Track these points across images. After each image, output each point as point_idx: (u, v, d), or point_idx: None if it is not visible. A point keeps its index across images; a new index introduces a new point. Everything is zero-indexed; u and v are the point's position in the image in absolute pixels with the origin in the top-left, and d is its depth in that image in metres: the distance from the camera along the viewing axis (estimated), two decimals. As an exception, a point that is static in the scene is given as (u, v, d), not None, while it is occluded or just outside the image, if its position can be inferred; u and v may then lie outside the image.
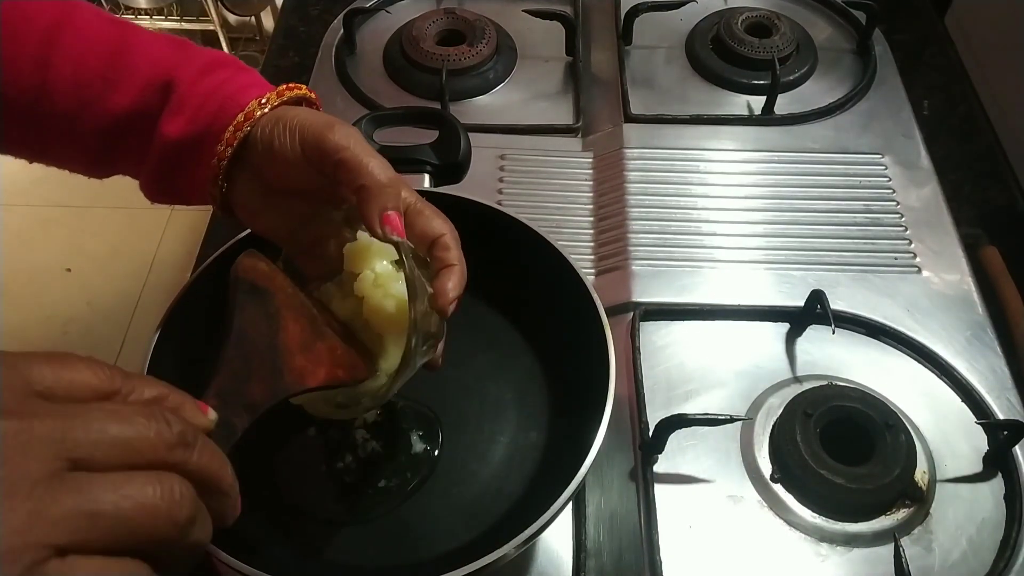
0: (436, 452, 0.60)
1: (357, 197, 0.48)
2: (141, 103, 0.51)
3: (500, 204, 0.70)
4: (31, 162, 0.56)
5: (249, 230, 0.61)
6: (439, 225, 0.50)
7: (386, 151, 0.66)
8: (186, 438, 0.32)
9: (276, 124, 0.50)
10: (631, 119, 0.90)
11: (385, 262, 0.51)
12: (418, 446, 0.60)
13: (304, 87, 0.54)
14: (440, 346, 0.53)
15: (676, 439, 0.64)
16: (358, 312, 0.51)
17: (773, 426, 0.66)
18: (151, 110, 0.51)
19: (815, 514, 0.62)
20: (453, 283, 0.49)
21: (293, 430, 0.61)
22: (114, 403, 0.32)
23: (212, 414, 0.38)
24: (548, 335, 0.64)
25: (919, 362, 0.72)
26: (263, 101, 0.51)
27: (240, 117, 0.51)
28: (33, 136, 0.53)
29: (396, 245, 0.47)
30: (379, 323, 0.51)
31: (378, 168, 0.48)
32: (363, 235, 0.51)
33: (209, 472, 0.33)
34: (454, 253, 0.50)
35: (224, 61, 0.53)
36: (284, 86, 0.53)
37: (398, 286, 0.50)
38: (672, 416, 0.63)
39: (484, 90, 0.94)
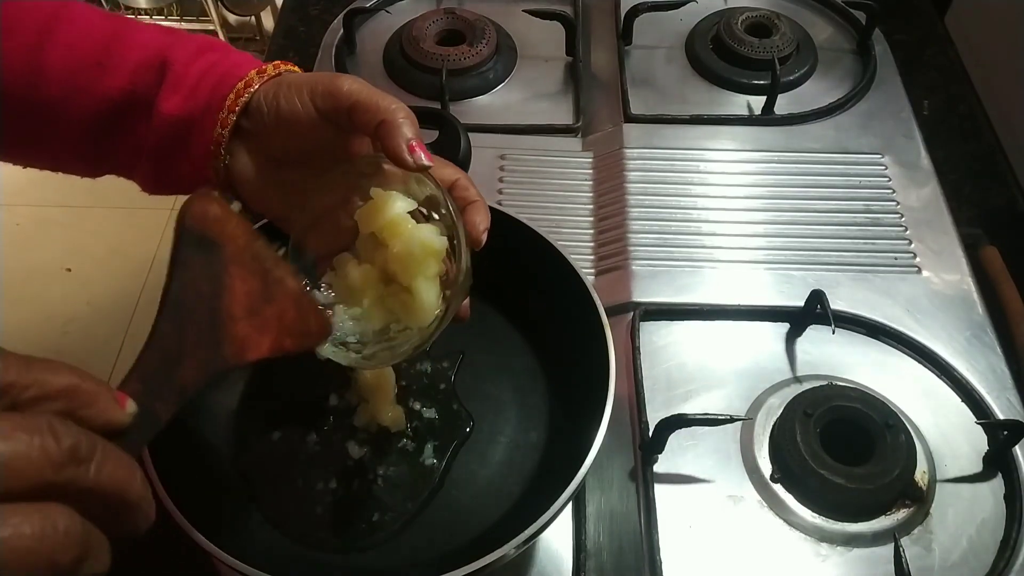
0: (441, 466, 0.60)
1: (378, 133, 0.48)
2: (135, 84, 0.51)
3: (500, 204, 0.70)
4: (26, 165, 0.55)
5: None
6: (452, 171, 0.52)
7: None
8: (79, 452, 0.29)
9: (279, 87, 0.50)
10: (631, 119, 0.90)
11: (403, 211, 0.50)
12: (428, 460, 0.60)
13: (297, 68, 0.54)
14: (467, 299, 0.53)
15: (676, 439, 0.64)
16: (378, 274, 0.51)
17: (773, 426, 0.66)
18: (146, 91, 0.51)
19: (815, 514, 0.62)
20: (481, 216, 0.51)
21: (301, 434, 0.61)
22: None
23: (131, 406, 0.34)
24: (548, 335, 0.64)
25: (919, 362, 0.72)
26: (261, 71, 0.51)
27: (240, 85, 0.50)
28: (27, 127, 0.52)
29: (424, 171, 0.48)
30: (408, 268, 0.50)
31: (394, 104, 0.48)
32: (376, 191, 0.50)
33: (111, 487, 0.30)
34: (473, 191, 0.51)
35: (216, 43, 0.53)
36: (279, 61, 0.53)
37: (422, 229, 0.50)
38: (672, 416, 0.63)
39: (484, 90, 0.94)
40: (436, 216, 0.51)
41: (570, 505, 0.57)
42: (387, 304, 0.52)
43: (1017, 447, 0.65)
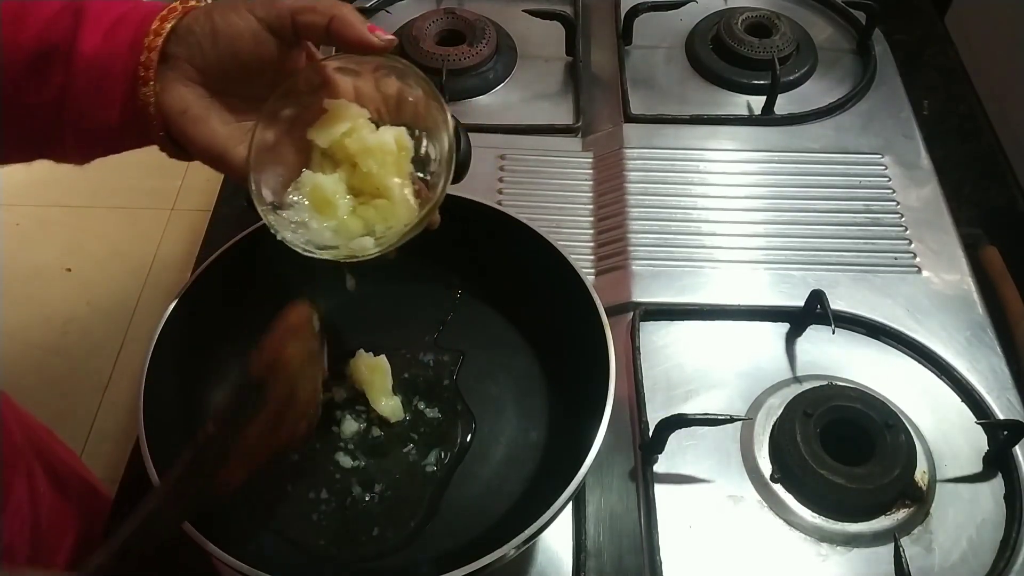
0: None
1: (332, 28, 0.47)
2: (52, 31, 0.48)
3: (500, 204, 0.70)
4: None
5: (249, 230, 0.61)
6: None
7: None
8: None
9: (212, 8, 0.48)
10: (631, 119, 0.90)
11: (363, 116, 0.50)
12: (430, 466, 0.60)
13: None
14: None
15: (676, 439, 0.64)
16: (346, 185, 0.51)
17: (773, 426, 0.66)
18: (62, 36, 0.48)
19: (815, 514, 0.62)
20: (356, 23, 0.48)
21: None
22: None
23: None
24: (548, 335, 0.64)
25: (919, 362, 0.72)
26: (184, 1, 0.49)
27: (164, 11, 0.48)
28: None
29: (391, 46, 0.48)
30: (383, 166, 0.50)
31: (337, 1, 0.47)
32: (331, 102, 0.50)
33: None
34: (355, 21, 0.49)
35: None
36: None
37: (387, 129, 0.50)
38: (672, 416, 0.63)
39: (484, 90, 0.94)
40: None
41: (570, 505, 0.57)
42: (362, 213, 0.51)
43: (1017, 447, 0.65)
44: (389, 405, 0.61)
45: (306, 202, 0.50)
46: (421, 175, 0.51)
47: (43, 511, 0.64)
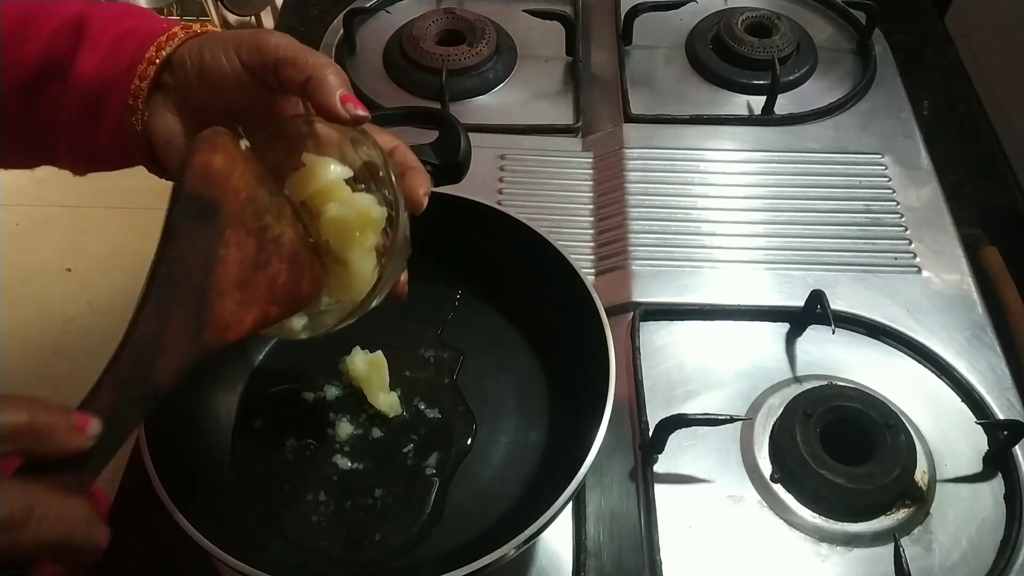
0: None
1: (308, 90, 0.46)
2: (52, 48, 0.48)
3: (500, 204, 0.70)
4: None
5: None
6: (390, 139, 0.49)
7: (386, 151, 0.66)
8: (13, 520, 0.30)
9: (205, 42, 0.48)
10: (631, 119, 0.90)
11: (339, 177, 0.48)
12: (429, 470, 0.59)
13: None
14: (404, 274, 0.51)
15: (676, 439, 0.64)
16: (309, 241, 0.49)
17: (773, 426, 0.66)
18: (62, 54, 0.48)
19: (815, 514, 0.62)
20: (421, 179, 0.49)
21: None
22: None
23: (93, 427, 0.34)
24: (548, 335, 0.64)
25: (919, 362, 0.72)
26: (186, 27, 0.49)
27: (163, 38, 0.48)
28: None
29: (360, 123, 0.46)
30: (342, 238, 0.48)
31: (322, 59, 0.46)
32: (309, 156, 0.48)
33: (51, 542, 0.31)
34: (412, 157, 0.50)
35: (138, 9, 0.51)
36: (207, 22, 0.52)
37: (360, 197, 0.48)
38: (672, 416, 0.63)
39: (484, 90, 0.94)
40: (374, 187, 0.49)
41: (570, 505, 0.57)
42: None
43: (1017, 447, 0.64)
44: (387, 401, 0.61)
45: None
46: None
47: None
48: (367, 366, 0.61)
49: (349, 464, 0.59)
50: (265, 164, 0.48)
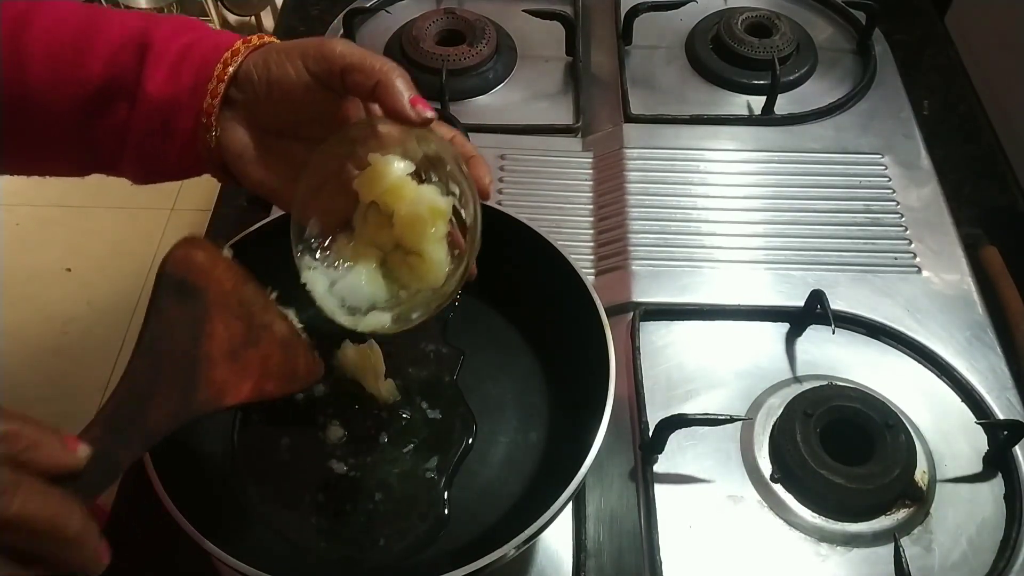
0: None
1: (377, 94, 0.47)
2: (116, 66, 0.49)
3: (500, 204, 0.70)
4: (13, 172, 0.54)
5: (249, 230, 0.61)
6: (447, 130, 0.51)
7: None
8: (1, 484, 0.30)
9: (268, 53, 0.49)
10: (631, 119, 0.90)
11: (404, 173, 0.50)
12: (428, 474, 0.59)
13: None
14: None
15: (676, 439, 0.64)
16: (385, 238, 0.51)
17: (773, 426, 0.66)
18: (127, 73, 0.50)
19: (815, 514, 0.62)
20: (484, 169, 0.50)
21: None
22: None
23: (83, 451, 0.35)
24: (548, 335, 0.64)
25: (919, 362, 0.72)
26: (246, 40, 0.51)
27: (227, 55, 0.49)
28: (11, 125, 0.51)
29: (428, 124, 0.47)
30: (416, 232, 0.50)
31: (388, 63, 0.48)
32: (374, 156, 0.50)
33: (36, 521, 0.31)
34: (471, 147, 0.51)
35: (195, 23, 0.52)
36: (262, 34, 0.52)
37: (427, 189, 0.50)
38: (672, 416, 0.63)
39: (484, 90, 0.94)
40: (435, 178, 0.51)
41: (570, 505, 0.57)
42: (395, 271, 0.52)
43: (1017, 447, 0.65)
44: (386, 387, 0.61)
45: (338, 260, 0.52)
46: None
47: None
48: (359, 356, 0.61)
49: (349, 466, 0.59)
50: (331, 166, 0.51)
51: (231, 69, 0.49)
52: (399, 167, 0.50)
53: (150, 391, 0.40)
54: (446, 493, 0.58)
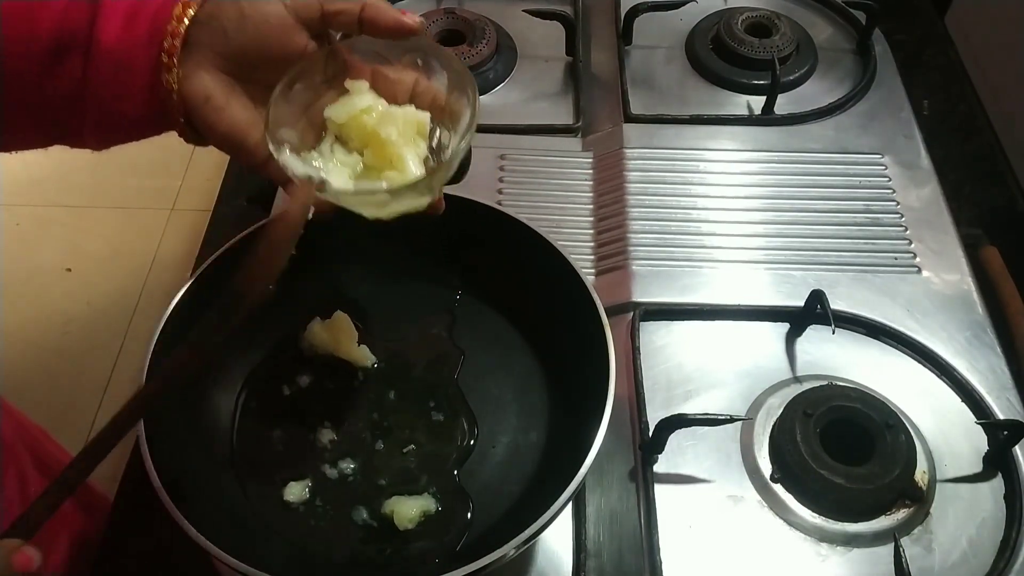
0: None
1: (366, 16, 0.48)
2: (69, 20, 0.47)
3: (500, 204, 0.70)
4: None
5: (249, 230, 0.61)
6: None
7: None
8: None
9: None
10: (631, 119, 0.90)
11: (377, 97, 0.51)
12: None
13: None
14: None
15: (676, 439, 0.64)
16: (358, 161, 0.52)
17: (773, 426, 0.66)
18: (80, 24, 0.47)
19: (815, 514, 0.62)
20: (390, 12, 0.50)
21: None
22: None
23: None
24: (548, 335, 0.64)
25: (919, 362, 0.72)
26: None
27: None
28: None
29: (421, 29, 0.49)
30: (403, 137, 0.50)
31: None
32: (351, 83, 0.51)
33: None
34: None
35: None
36: None
37: (402, 108, 0.51)
38: (672, 416, 0.63)
39: (484, 90, 0.94)
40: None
41: (570, 505, 0.57)
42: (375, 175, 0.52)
43: (1017, 447, 0.65)
44: (360, 353, 0.63)
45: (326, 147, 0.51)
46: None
47: None
48: (329, 328, 0.63)
49: (349, 466, 0.59)
50: (296, 96, 0.50)
51: (191, 11, 0.48)
52: (371, 96, 0.50)
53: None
54: (446, 493, 0.58)
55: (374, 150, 0.51)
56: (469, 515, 0.57)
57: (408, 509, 0.56)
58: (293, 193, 0.48)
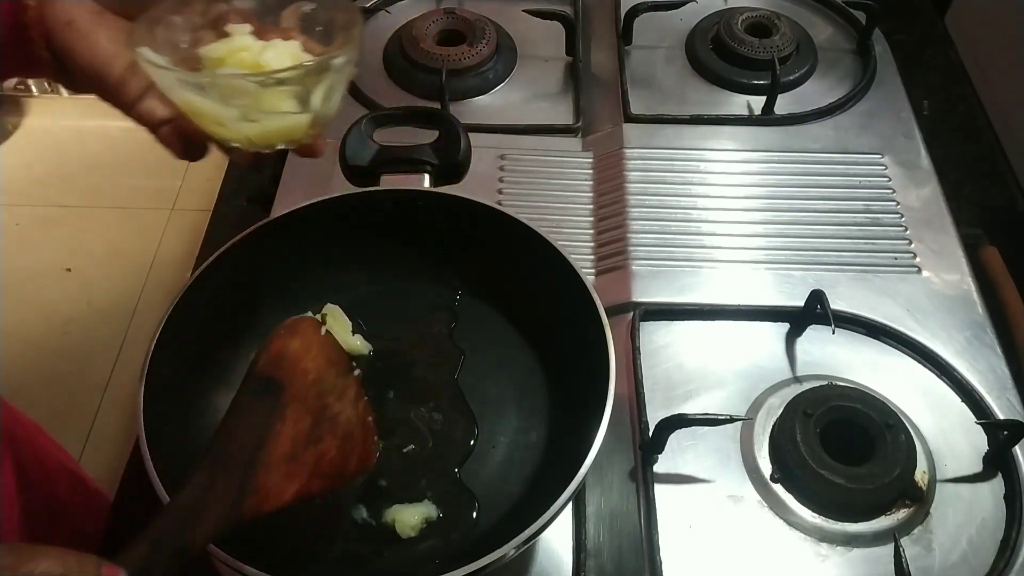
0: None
1: None
2: None
3: (500, 204, 0.70)
4: None
5: (249, 230, 0.61)
6: None
7: (386, 151, 0.67)
8: None
9: None
10: (631, 119, 0.90)
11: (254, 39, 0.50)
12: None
13: None
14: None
15: (676, 439, 0.64)
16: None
17: (773, 426, 0.66)
18: None
19: (815, 514, 0.62)
20: None
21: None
22: None
23: None
24: (548, 335, 0.64)
25: (919, 362, 0.72)
26: None
27: None
28: None
29: None
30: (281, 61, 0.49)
31: None
32: (232, 27, 0.50)
33: None
34: None
35: None
36: None
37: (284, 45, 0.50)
38: (672, 416, 0.63)
39: (484, 90, 0.94)
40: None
41: (570, 505, 0.57)
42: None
43: (1017, 447, 0.64)
44: (355, 343, 0.63)
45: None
46: None
47: (34, 505, 0.65)
48: (328, 322, 0.62)
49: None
50: (168, 31, 0.48)
51: None
52: (252, 36, 0.49)
53: (200, 505, 0.42)
54: (448, 494, 0.58)
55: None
56: (475, 515, 0.57)
57: (410, 517, 0.56)
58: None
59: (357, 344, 0.63)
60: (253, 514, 0.44)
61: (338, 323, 0.63)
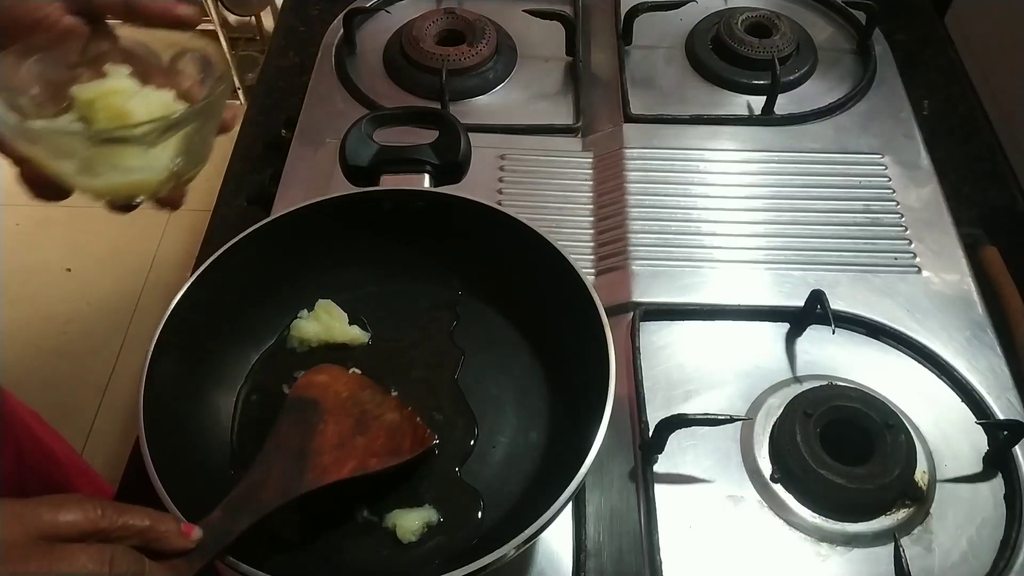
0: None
1: (138, 4, 0.47)
2: None
3: (500, 204, 0.70)
4: None
5: (249, 230, 0.61)
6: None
7: (386, 151, 0.67)
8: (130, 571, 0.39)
9: None
10: (631, 119, 0.90)
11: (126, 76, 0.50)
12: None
13: None
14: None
15: (676, 439, 0.64)
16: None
17: (773, 426, 0.66)
18: None
19: (815, 514, 0.62)
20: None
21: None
22: (88, 545, 0.39)
23: (196, 534, 0.45)
24: (548, 335, 0.64)
25: (919, 362, 0.72)
26: None
27: None
28: None
29: (194, 21, 0.49)
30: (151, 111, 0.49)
31: None
32: (111, 67, 0.50)
33: None
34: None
35: None
36: None
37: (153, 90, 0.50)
38: (672, 416, 0.63)
39: (484, 90, 0.94)
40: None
41: (570, 505, 0.57)
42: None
43: (1017, 447, 0.65)
44: (352, 333, 0.64)
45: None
46: None
47: (34, 489, 0.65)
48: (316, 320, 0.64)
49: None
50: (37, 67, 0.49)
51: None
52: (124, 71, 0.49)
53: (264, 481, 0.50)
54: (447, 493, 0.58)
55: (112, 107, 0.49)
56: (479, 514, 0.57)
57: (410, 522, 0.56)
58: None
59: (356, 333, 0.64)
60: (316, 484, 0.51)
61: (333, 315, 0.64)
